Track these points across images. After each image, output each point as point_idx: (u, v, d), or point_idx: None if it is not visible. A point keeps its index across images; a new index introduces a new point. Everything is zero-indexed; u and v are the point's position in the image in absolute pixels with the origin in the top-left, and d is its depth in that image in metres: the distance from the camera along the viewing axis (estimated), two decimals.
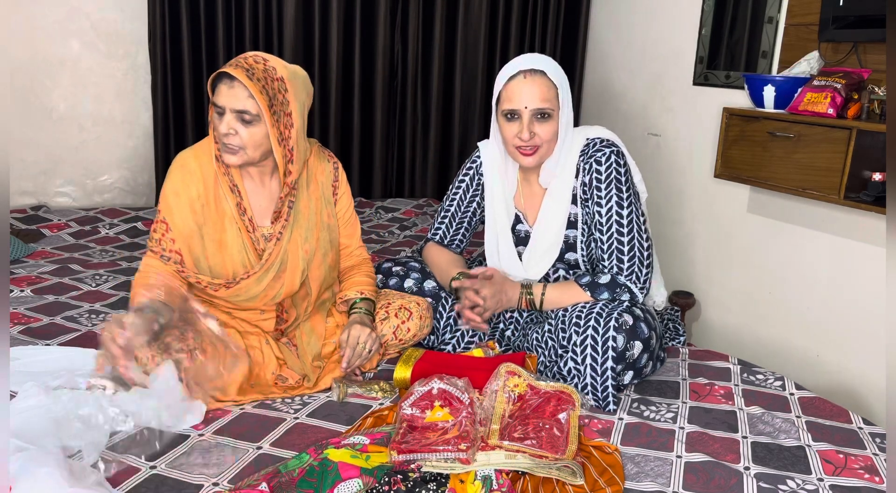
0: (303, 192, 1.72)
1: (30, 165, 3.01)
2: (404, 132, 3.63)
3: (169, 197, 1.65)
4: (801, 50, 2.41)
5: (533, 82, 1.75)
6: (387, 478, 1.28)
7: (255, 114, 1.55)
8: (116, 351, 1.42)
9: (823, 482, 1.37)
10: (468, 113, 3.69)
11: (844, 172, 2.06)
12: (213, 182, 1.66)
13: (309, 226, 1.72)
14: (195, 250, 1.65)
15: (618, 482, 1.33)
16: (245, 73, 1.53)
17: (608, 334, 1.64)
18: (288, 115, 1.60)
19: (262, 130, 1.58)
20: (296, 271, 1.70)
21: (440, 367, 1.66)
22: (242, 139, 1.57)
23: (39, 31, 2.92)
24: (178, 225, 1.64)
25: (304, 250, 1.71)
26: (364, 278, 1.86)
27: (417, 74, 3.56)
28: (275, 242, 1.67)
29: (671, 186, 3.05)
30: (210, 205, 1.65)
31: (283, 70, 1.60)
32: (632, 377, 1.71)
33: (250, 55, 1.59)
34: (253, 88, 1.53)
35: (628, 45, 3.32)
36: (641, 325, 1.70)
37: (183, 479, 1.30)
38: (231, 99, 1.54)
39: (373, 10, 3.38)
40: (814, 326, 2.44)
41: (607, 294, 1.78)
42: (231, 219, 1.66)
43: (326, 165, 1.79)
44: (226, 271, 1.67)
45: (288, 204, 1.69)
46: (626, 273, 1.80)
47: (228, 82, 1.55)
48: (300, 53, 3.27)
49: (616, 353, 1.64)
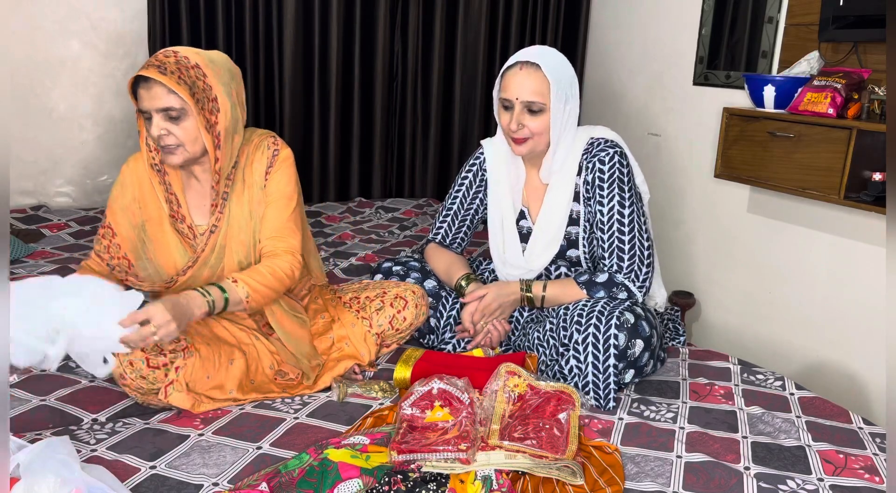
0: (238, 183, 1.67)
1: (30, 165, 3.01)
2: (404, 132, 3.63)
3: (112, 203, 1.67)
4: (801, 50, 2.41)
5: (527, 75, 1.75)
6: (387, 478, 1.28)
7: (179, 108, 1.52)
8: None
9: (823, 482, 1.37)
10: (468, 113, 3.69)
11: (844, 172, 2.06)
12: (148, 185, 1.65)
13: (242, 217, 1.66)
14: (139, 253, 1.65)
15: (618, 482, 1.33)
16: (157, 71, 1.49)
17: (610, 332, 1.64)
18: (213, 100, 1.56)
19: (192, 123, 1.54)
20: (233, 265, 1.66)
21: (440, 367, 1.66)
22: (177, 137, 1.54)
23: (39, 31, 2.92)
24: (122, 232, 1.65)
25: (240, 241, 1.66)
26: (260, 272, 1.60)
27: (417, 74, 3.56)
28: (207, 236, 1.64)
29: (671, 186, 3.05)
30: (148, 206, 1.65)
31: (196, 57, 1.55)
32: (633, 376, 1.72)
33: (159, 52, 1.56)
34: (169, 82, 1.49)
35: (628, 45, 3.32)
36: (643, 323, 1.70)
37: (183, 479, 1.30)
38: (152, 100, 1.51)
39: (373, 10, 3.38)
40: (814, 326, 2.44)
41: (603, 293, 1.79)
42: (168, 222, 1.65)
43: (266, 151, 1.68)
44: (168, 266, 1.65)
45: (223, 195, 1.64)
46: (625, 272, 1.80)
47: (145, 85, 1.51)
48: (300, 53, 3.27)
49: (618, 351, 1.64)
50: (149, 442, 1.42)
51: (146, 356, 1.50)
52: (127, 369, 1.49)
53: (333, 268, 2.52)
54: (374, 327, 1.81)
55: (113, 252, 1.66)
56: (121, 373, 1.50)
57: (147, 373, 1.49)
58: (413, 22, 3.47)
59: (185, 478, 1.30)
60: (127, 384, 1.52)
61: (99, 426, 1.48)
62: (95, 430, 1.46)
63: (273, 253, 1.66)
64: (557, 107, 1.77)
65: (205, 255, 1.63)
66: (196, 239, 1.65)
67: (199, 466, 1.34)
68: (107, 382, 1.67)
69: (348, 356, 1.78)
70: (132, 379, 1.50)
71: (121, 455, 1.36)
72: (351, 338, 1.79)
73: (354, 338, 1.79)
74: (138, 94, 1.53)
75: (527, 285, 1.86)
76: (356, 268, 2.53)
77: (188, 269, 1.63)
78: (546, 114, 1.77)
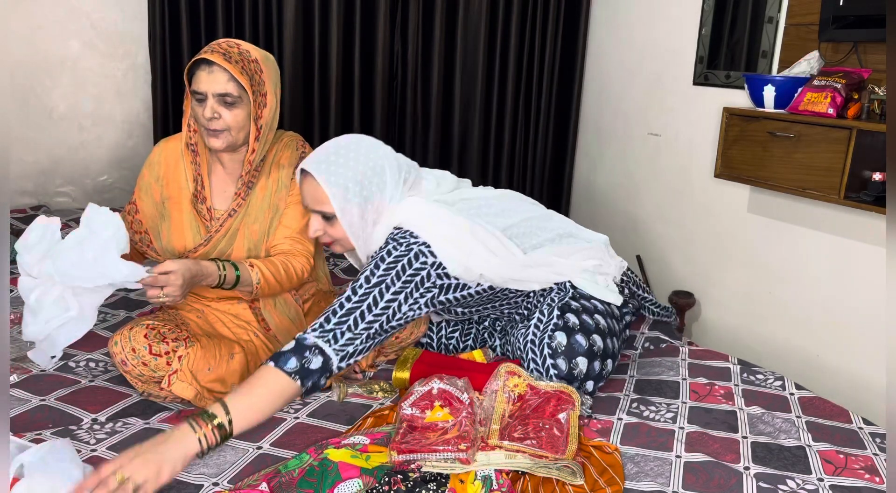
0: (263, 177, 1.73)
1: (30, 165, 3.01)
2: (404, 132, 3.63)
3: (139, 180, 1.77)
4: (801, 50, 2.41)
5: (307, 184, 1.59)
6: (387, 478, 1.28)
7: (236, 95, 1.59)
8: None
9: (823, 482, 1.37)
10: (468, 113, 3.69)
11: (844, 171, 2.06)
12: (174, 166, 1.73)
13: (261, 208, 1.72)
14: (158, 229, 1.73)
15: (618, 482, 1.33)
16: (223, 57, 1.57)
17: (546, 362, 1.64)
18: (263, 95, 1.64)
19: (244, 112, 1.62)
20: (241, 251, 1.71)
21: (438, 368, 1.66)
22: (227, 121, 1.60)
23: (39, 31, 2.92)
24: (144, 208, 1.75)
25: (252, 229, 1.71)
26: (275, 264, 1.66)
27: (417, 74, 3.56)
28: (224, 219, 1.69)
29: (671, 186, 3.05)
30: (170, 185, 1.73)
31: (255, 52, 1.64)
32: (594, 385, 1.69)
33: (223, 41, 1.63)
34: (234, 70, 1.57)
35: (628, 45, 3.32)
36: (577, 338, 1.66)
37: (182, 479, 1.30)
38: (212, 83, 1.57)
39: (373, 10, 3.38)
40: (814, 326, 2.44)
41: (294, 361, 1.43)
42: (189, 201, 1.70)
43: (294, 152, 1.78)
44: (180, 244, 1.71)
45: (248, 184, 1.71)
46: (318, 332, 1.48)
47: (207, 68, 1.58)
48: (300, 53, 3.27)
49: (562, 377, 1.64)
50: None
51: (149, 343, 1.51)
52: (129, 355, 1.51)
53: (333, 268, 2.52)
54: None
55: (136, 227, 1.76)
56: (122, 359, 1.52)
57: (149, 359, 1.50)
58: (413, 22, 3.47)
59: (185, 478, 1.30)
60: (128, 371, 1.53)
61: (99, 426, 1.48)
62: (95, 430, 1.46)
63: (290, 251, 1.71)
64: (345, 210, 1.57)
65: (218, 236, 1.69)
66: (212, 221, 1.71)
67: (199, 466, 1.34)
68: (106, 381, 1.68)
69: None
70: (133, 365, 1.51)
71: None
72: None
73: None
74: (196, 75, 1.59)
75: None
76: (356, 268, 2.53)
77: (200, 246, 1.68)
78: (336, 222, 1.60)
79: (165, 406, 1.60)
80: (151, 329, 1.55)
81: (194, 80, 1.60)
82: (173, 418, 1.54)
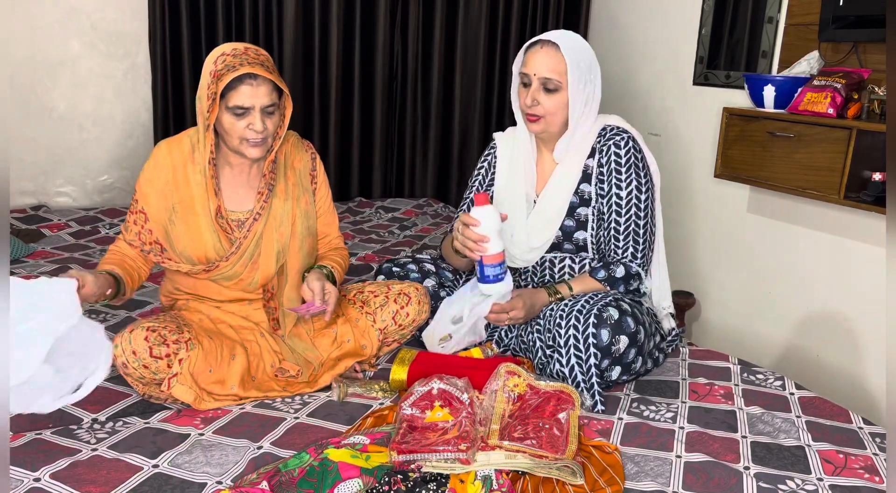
0: (280, 179, 1.75)
1: (30, 165, 3.01)
2: (404, 132, 3.63)
3: (143, 185, 1.69)
4: (801, 50, 2.41)
5: (545, 53, 1.79)
6: (387, 478, 1.28)
7: (276, 104, 1.62)
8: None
9: (823, 482, 1.37)
10: (468, 113, 3.69)
11: (844, 171, 2.06)
12: (182, 171, 1.69)
13: (285, 211, 1.73)
14: (170, 236, 1.68)
15: (618, 481, 1.33)
16: (262, 68, 1.57)
17: (588, 330, 1.64)
18: (286, 97, 1.68)
19: (278, 117, 1.65)
20: (270, 255, 1.71)
21: (435, 368, 1.66)
22: (269, 130, 1.62)
23: (39, 31, 2.92)
24: (153, 213, 1.68)
25: (280, 233, 1.72)
26: (339, 260, 1.87)
27: (417, 74, 3.56)
28: (250, 224, 1.69)
29: (671, 186, 3.05)
30: (180, 190, 1.68)
31: (266, 53, 1.66)
32: (620, 373, 1.70)
33: (241, 47, 1.61)
34: (275, 79, 1.58)
35: (628, 45, 3.32)
36: (628, 319, 1.68)
37: (186, 478, 1.30)
38: (258, 97, 1.57)
39: (373, 10, 3.38)
40: (814, 326, 2.44)
41: (623, 287, 1.83)
42: (203, 206, 1.68)
43: (304, 154, 1.82)
44: (198, 254, 1.68)
45: (269, 187, 1.72)
46: (639, 258, 1.85)
47: (252, 82, 1.56)
48: (300, 53, 3.27)
49: (598, 349, 1.63)
50: (149, 441, 1.41)
51: (149, 345, 1.50)
52: (130, 357, 1.50)
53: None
54: (377, 321, 1.82)
55: (144, 238, 1.70)
56: (123, 362, 1.51)
57: (150, 362, 1.50)
58: (413, 22, 3.47)
59: (189, 476, 1.30)
60: (129, 374, 1.52)
61: (99, 426, 1.48)
62: (95, 429, 1.46)
63: (342, 248, 1.92)
64: (575, 88, 1.80)
65: (247, 242, 1.69)
66: (237, 229, 1.70)
67: (202, 465, 1.34)
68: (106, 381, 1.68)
69: (349, 355, 1.78)
70: (134, 368, 1.50)
71: (122, 455, 1.36)
72: (354, 331, 1.80)
73: (358, 331, 1.80)
74: (237, 89, 1.56)
75: (554, 290, 1.84)
76: (356, 268, 2.53)
77: (231, 255, 1.68)
78: (561, 93, 1.80)
79: (165, 406, 1.60)
80: (152, 332, 1.54)
81: (235, 95, 1.56)
82: (173, 417, 1.54)
